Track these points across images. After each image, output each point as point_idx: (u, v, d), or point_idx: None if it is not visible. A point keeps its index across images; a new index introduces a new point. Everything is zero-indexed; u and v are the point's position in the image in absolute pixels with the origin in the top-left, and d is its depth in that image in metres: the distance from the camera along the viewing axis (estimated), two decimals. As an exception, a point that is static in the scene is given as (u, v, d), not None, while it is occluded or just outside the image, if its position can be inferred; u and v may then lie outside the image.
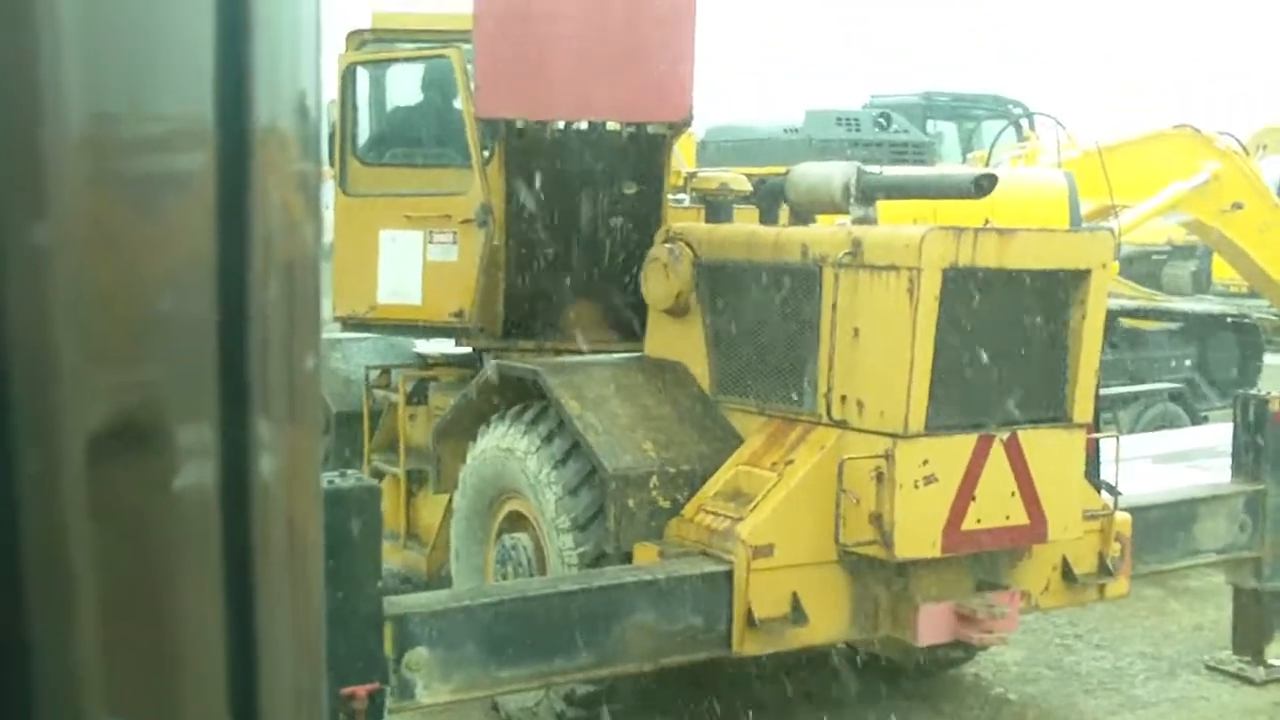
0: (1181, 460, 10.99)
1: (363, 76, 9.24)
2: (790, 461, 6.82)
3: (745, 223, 8.38)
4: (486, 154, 8.38)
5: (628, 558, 6.97)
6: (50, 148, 0.92)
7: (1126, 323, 16.01)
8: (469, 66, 8.17)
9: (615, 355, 8.13)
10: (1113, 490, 7.54)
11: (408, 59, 9.39)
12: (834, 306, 6.79)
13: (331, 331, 9.74)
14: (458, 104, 8.57)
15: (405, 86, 9.54)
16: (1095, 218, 13.29)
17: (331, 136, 8.84)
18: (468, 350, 9.11)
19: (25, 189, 0.91)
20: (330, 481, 5.43)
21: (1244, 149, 16.73)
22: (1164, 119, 16.08)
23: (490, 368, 7.93)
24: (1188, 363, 16.36)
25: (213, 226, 1.07)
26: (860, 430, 6.64)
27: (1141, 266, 20.67)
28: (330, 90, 8.85)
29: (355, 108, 9.15)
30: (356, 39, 9.00)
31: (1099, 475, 7.57)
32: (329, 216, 9.13)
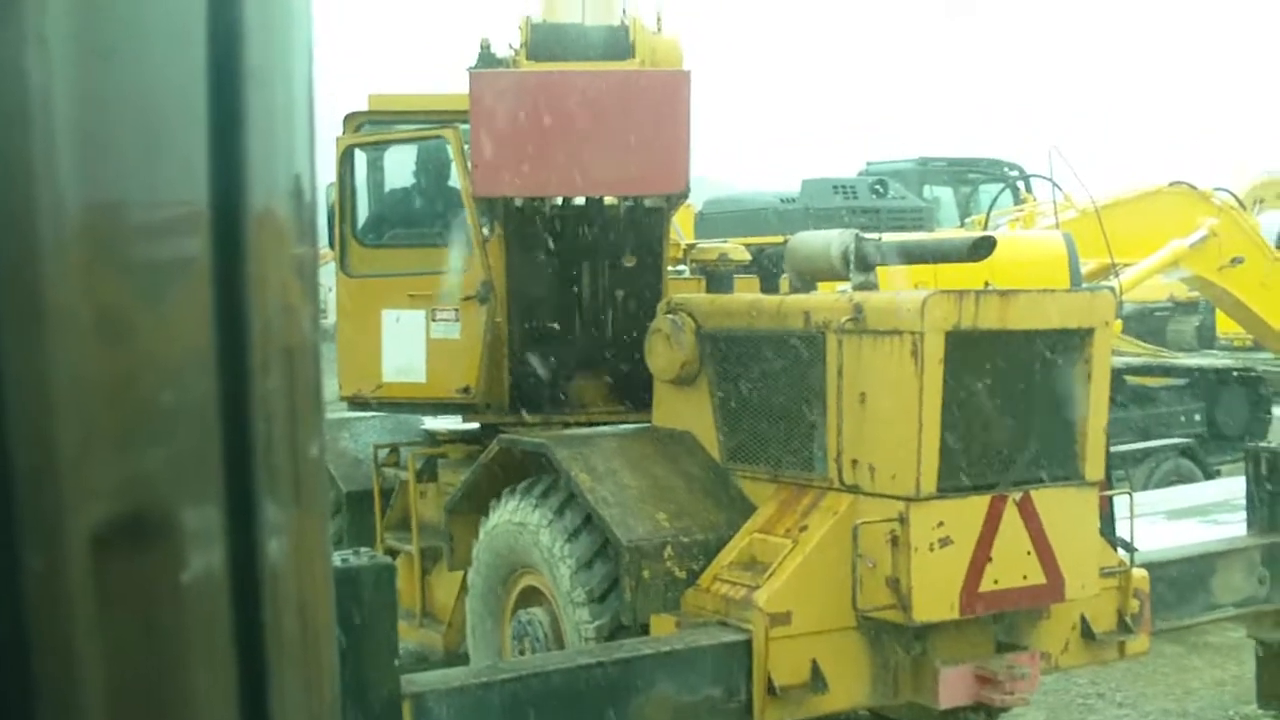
0: (1196, 515, 10.95)
1: (360, 158, 9.29)
2: (804, 528, 6.79)
3: (746, 292, 8.38)
4: (486, 232, 8.41)
5: (645, 630, 6.92)
6: (49, 238, 0.92)
7: (1133, 380, 16.00)
8: (465, 146, 8.21)
9: (623, 426, 8.12)
10: (1129, 547, 7.50)
11: (405, 140, 9.43)
12: (839, 372, 6.78)
13: (339, 411, 9.74)
14: (456, 183, 8.61)
15: (403, 167, 9.58)
16: (1096, 277, 13.31)
17: (331, 218, 8.88)
18: (476, 426, 9.10)
19: (25, 279, 0.90)
20: (344, 561, 5.41)
21: (1240, 203, 16.76)
22: (1158, 172, 16.15)
23: (498, 443, 7.92)
24: (1197, 417, 16.33)
25: (211, 313, 1.07)
26: (873, 494, 6.61)
27: (1145, 323, 20.66)
28: (328, 173, 8.90)
29: (354, 190, 9.19)
30: (354, 121, 9.05)
31: (1114, 532, 7.53)
32: (331, 298, 9.17)
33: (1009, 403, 6.79)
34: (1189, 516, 10.86)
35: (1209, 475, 14.52)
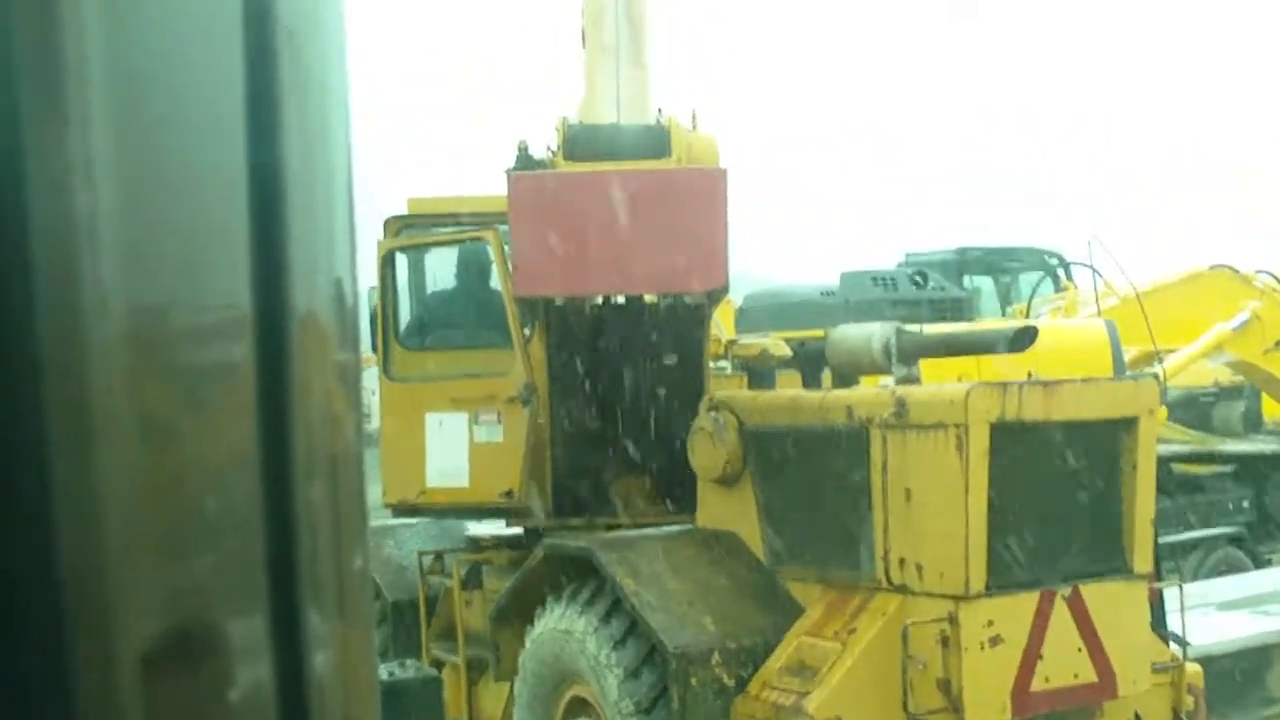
0: (1248, 605, 10.79)
1: (402, 262, 9.34)
2: (853, 630, 6.71)
3: (788, 388, 8.36)
4: (527, 332, 8.43)
5: (696, 740, 6.83)
6: (93, 343, 0.91)
7: (1180, 468, 15.85)
8: (506, 247, 8.25)
9: (668, 528, 8.06)
10: (1180, 641, 7.38)
11: (445, 243, 9.49)
12: (884, 468, 6.73)
13: (383, 518, 9.71)
14: (496, 284, 8.64)
15: (444, 270, 9.64)
16: (1139, 364, 13.23)
17: (373, 322, 8.93)
18: (520, 530, 9.06)
19: (70, 385, 0.90)
20: (390, 674, 5.38)
21: (1282, 285, 16.66)
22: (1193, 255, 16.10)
23: (542, 548, 7.88)
24: (1246, 505, 16.15)
25: (254, 420, 1.06)
26: (921, 594, 6.54)
27: (1190, 410, 20.47)
28: (369, 276, 8.96)
29: (395, 293, 9.24)
30: (394, 225, 9.13)
31: (1165, 626, 7.43)
32: (374, 401, 9.19)
33: (1055, 495, 6.73)
34: (1241, 607, 10.70)
35: (1260, 564, 14.35)
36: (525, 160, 8.39)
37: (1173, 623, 7.46)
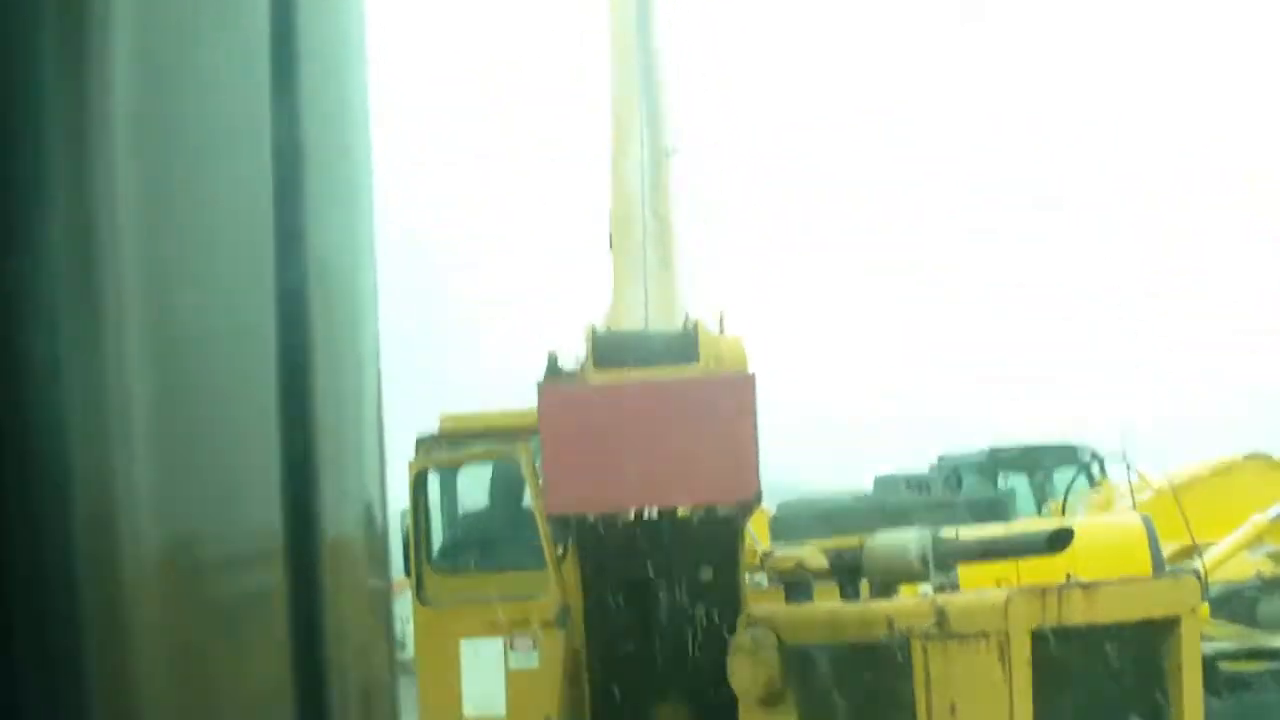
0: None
1: (433, 482, 9.32)
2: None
3: (826, 599, 8.27)
4: (560, 550, 8.38)
5: None
6: (130, 574, 0.91)
7: (1228, 667, 15.54)
8: (537, 463, 8.25)
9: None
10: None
11: (476, 459, 9.47)
12: (927, 681, 6.64)
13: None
14: (528, 502, 8.62)
15: (476, 488, 9.62)
16: (1178, 559, 13.09)
17: (405, 545, 8.86)
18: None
19: (107, 613, 0.90)
20: None
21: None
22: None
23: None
24: (1298, 703, 15.78)
25: (287, 651, 1.05)
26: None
27: (1234, 605, 20.16)
28: (400, 498, 8.93)
29: (427, 515, 9.20)
30: (426, 445, 9.11)
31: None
32: (408, 630, 9.10)
33: (1100, 700, 6.63)
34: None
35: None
36: (555, 371, 8.43)
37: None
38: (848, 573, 8.27)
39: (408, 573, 8.96)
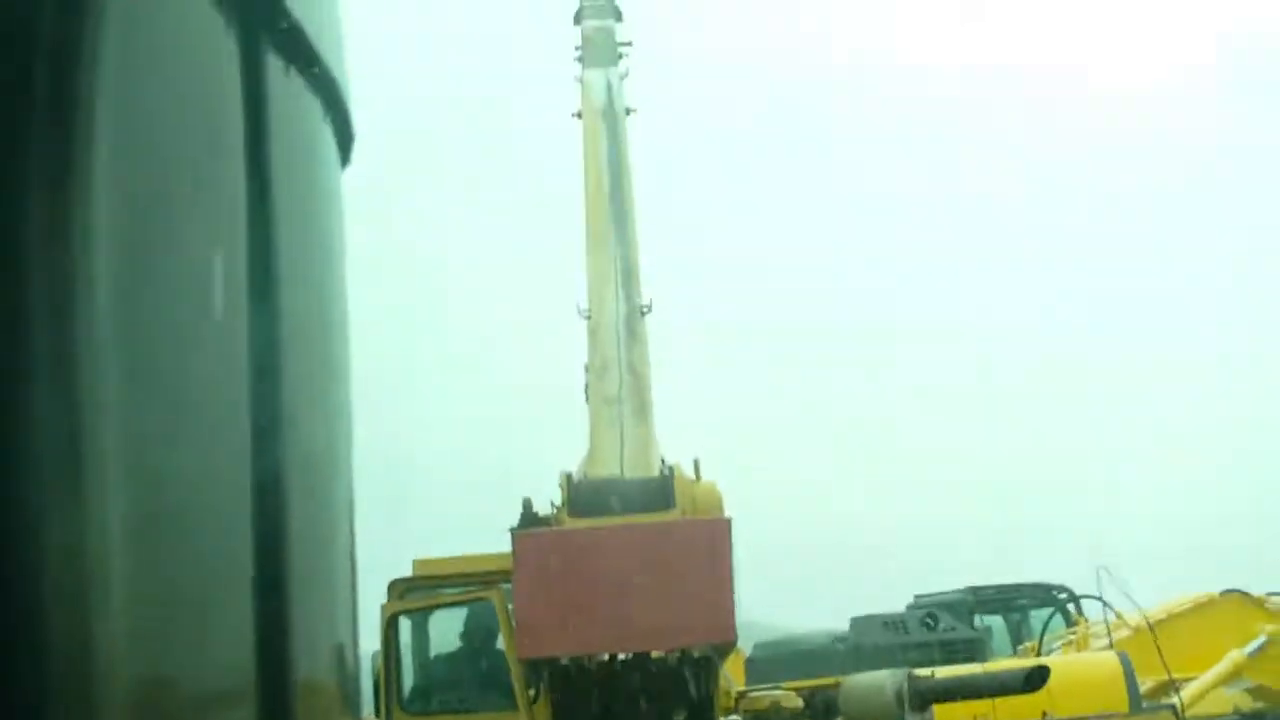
0: None
1: (405, 625, 9.26)
2: None
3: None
4: (533, 692, 8.30)
5: None
6: (104, 709, 0.92)
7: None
8: (510, 606, 8.21)
9: None
10: None
11: (450, 604, 9.42)
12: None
13: None
14: (501, 645, 8.56)
15: (449, 631, 9.55)
16: (1155, 695, 12.99)
17: (376, 688, 8.78)
18: None
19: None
20: None
21: (1295, 606, 16.49)
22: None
23: None
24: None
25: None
26: None
27: (1214, 741, 20.01)
28: (372, 640, 8.86)
29: (399, 658, 9.12)
30: (399, 588, 9.07)
31: None
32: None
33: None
34: None
35: None
36: (530, 517, 8.44)
37: None
38: (824, 714, 8.23)
39: (378, 714, 8.86)
